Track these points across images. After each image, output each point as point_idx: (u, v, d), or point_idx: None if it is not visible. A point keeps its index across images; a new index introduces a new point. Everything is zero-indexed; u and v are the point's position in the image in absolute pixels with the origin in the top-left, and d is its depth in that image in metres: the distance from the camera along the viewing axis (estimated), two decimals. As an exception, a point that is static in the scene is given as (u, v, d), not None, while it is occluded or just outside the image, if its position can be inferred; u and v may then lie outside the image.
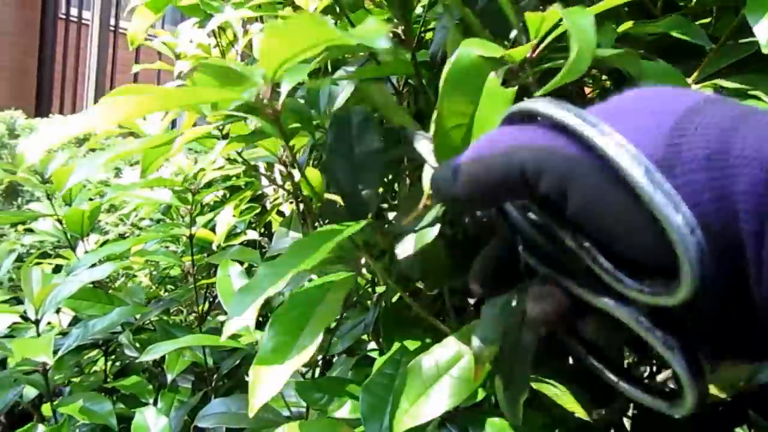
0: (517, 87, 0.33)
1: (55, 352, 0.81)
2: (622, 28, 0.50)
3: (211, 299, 1.19)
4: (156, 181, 0.75)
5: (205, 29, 0.65)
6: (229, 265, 0.67)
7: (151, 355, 0.58)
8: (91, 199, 0.95)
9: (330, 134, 0.45)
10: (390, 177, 0.68)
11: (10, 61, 4.16)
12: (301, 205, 0.97)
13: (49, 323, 0.97)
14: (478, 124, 0.30)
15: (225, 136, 0.49)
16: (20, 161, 0.94)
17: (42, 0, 4.13)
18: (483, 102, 0.29)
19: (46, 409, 1.01)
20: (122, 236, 1.67)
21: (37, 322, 0.67)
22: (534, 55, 0.38)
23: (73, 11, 4.09)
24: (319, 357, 0.78)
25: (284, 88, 0.35)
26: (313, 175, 0.72)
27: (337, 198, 0.73)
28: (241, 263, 0.91)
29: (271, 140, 0.64)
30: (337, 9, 0.74)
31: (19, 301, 0.98)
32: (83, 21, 4.00)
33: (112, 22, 3.88)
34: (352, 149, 0.44)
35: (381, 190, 0.59)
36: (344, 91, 0.58)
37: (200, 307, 1.09)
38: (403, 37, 0.57)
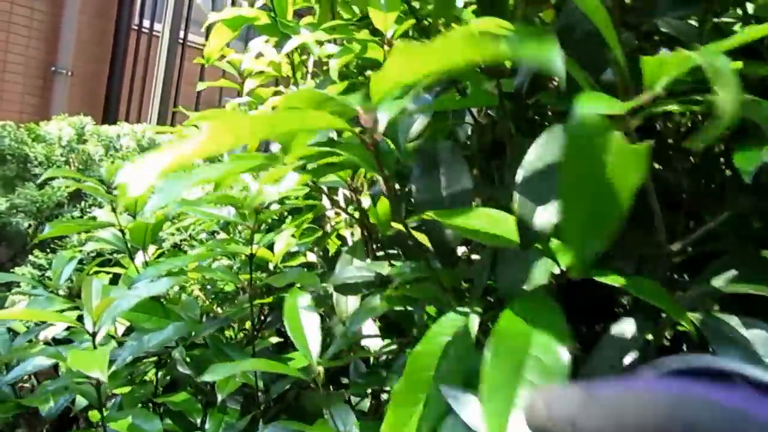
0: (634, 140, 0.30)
1: (108, 365, 0.81)
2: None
3: (262, 318, 1.18)
4: (223, 198, 0.74)
5: (283, 49, 0.63)
6: (298, 294, 0.65)
7: (209, 377, 0.56)
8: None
9: (416, 170, 0.42)
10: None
11: (84, 69, 4.33)
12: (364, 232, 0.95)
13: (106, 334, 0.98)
14: (605, 191, 0.26)
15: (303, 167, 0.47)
16: (120, 193, 0.96)
17: (118, 11, 4.30)
18: (613, 166, 0.26)
19: (93, 415, 1.02)
20: (178, 246, 1.70)
21: (94, 334, 0.67)
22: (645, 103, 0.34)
23: (146, 23, 4.25)
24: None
25: (383, 117, 0.33)
26: (382, 204, 0.70)
27: (398, 226, 0.70)
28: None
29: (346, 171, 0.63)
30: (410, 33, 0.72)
31: (77, 307, 1.00)
32: (154, 33, 4.15)
33: (181, 35, 4.01)
34: (439, 186, 0.42)
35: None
36: (419, 122, 0.56)
37: (252, 325, 1.07)
38: (486, 66, 0.54)
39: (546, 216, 0.34)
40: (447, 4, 0.51)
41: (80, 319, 0.79)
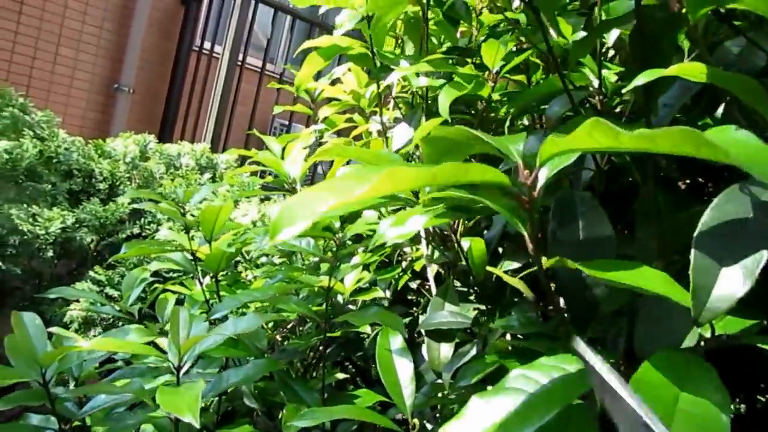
0: None
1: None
2: None
3: (321, 348, 1.15)
4: (309, 230, 0.72)
5: (385, 81, 0.61)
6: (390, 335, 0.62)
7: (302, 423, 0.53)
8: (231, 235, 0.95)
9: (554, 220, 0.39)
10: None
11: (145, 87, 4.47)
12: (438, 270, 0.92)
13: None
14: None
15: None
16: (273, 230, 0.95)
17: (181, 32, 4.44)
18: None
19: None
20: (234, 266, 1.69)
21: (178, 368, 0.65)
22: None
23: (206, 45, 4.36)
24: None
25: (543, 174, 0.30)
26: (478, 246, 0.67)
27: (500, 273, 0.66)
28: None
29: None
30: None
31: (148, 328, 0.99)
32: (214, 54, 4.25)
33: (240, 57, 4.10)
34: (578, 237, 0.38)
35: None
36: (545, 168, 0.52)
37: (319, 360, 1.05)
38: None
39: (729, 288, 0.30)
40: (585, 45, 0.48)
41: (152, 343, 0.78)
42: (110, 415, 0.75)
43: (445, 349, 0.64)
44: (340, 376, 0.97)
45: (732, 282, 0.31)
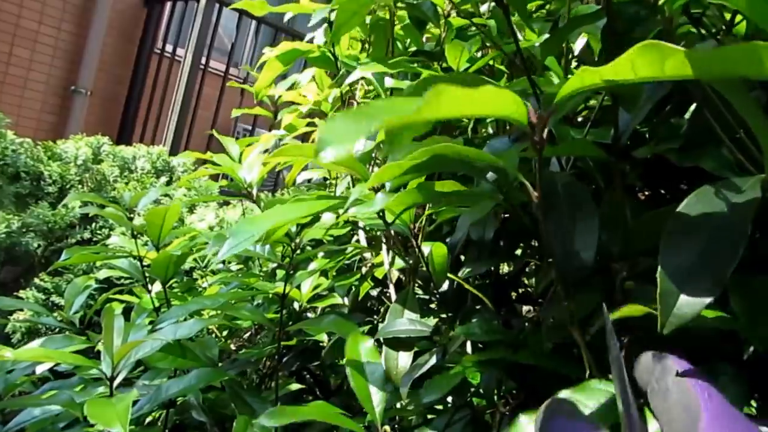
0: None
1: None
2: None
3: (277, 357, 1.11)
4: (269, 238, 0.68)
5: (345, 81, 0.58)
6: (361, 340, 0.59)
7: (269, 421, 0.50)
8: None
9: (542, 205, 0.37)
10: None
11: (104, 89, 4.35)
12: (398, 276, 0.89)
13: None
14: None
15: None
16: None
17: (142, 35, 4.33)
18: None
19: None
20: (188, 273, 1.63)
21: (112, 379, 0.60)
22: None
23: (168, 47, 4.27)
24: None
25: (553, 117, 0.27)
26: (439, 251, 0.64)
27: (461, 281, 0.64)
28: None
29: (409, 212, 0.57)
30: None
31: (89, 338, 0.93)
32: (176, 57, 4.16)
33: (203, 61, 4.02)
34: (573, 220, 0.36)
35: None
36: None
37: (275, 368, 1.01)
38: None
39: (698, 292, 0.28)
40: (553, 44, 0.46)
41: (96, 354, 0.72)
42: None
43: (404, 359, 0.61)
44: (295, 386, 0.93)
45: (701, 286, 0.29)
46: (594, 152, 0.48)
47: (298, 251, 0.71)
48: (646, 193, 0.62)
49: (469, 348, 0.77)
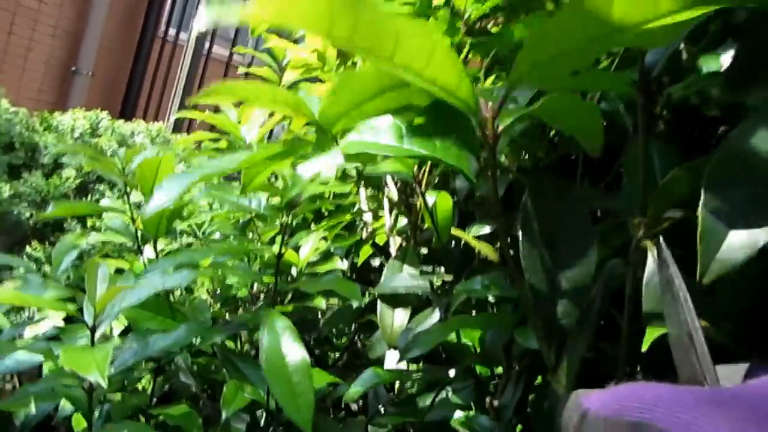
0: None
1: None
2: None
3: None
4: (259, 186, 0.64)
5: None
6: (277, 318, 0.55)
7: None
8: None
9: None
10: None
11: (105, 72, 4.31)
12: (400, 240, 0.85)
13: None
14: None
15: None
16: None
17: (144, 19, 4.29)
18: None
19: (78, 423, 0.90)
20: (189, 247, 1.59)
21: (93, 329, 0.56)
22: None
23: (171, 32, 4.23)
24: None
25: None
26: (444, 203, 0.60)
27: (468, 238, 0.60)
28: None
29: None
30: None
31: (74, 299, 0.89)
32: (179, 43, 4.12)
33: (206, 46, 3.99)
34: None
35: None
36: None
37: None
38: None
39: (749, 235, 0.25)
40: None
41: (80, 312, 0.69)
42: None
43: (400, 317, 0.57)
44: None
45: (757, 222, 0.26)
46: (620, 87, 0.44)
47: (293, 207, 0.67)
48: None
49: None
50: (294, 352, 0.52)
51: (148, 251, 0.96)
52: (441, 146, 0.31)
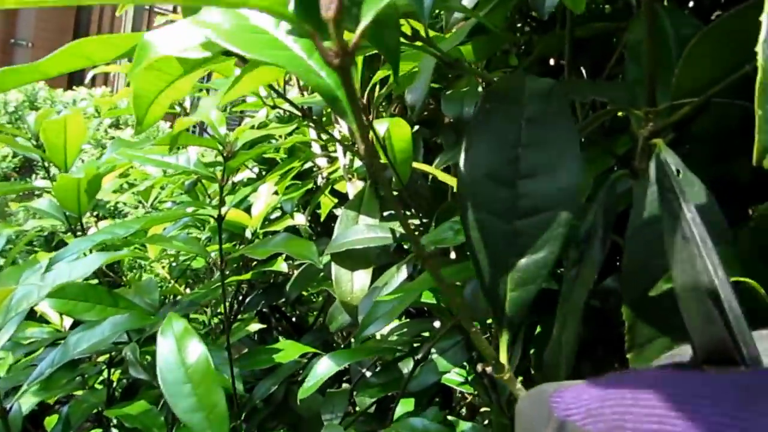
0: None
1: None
2: None
3: (240, 297, 0.97)
4: (185, 138, 0.53)
5: None
6: (174, 320, 0.44)
7: None
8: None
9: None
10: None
11: (46, 40, 4.07)
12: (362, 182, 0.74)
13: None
14: None
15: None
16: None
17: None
18: None
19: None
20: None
21: (-9, 337, 0.46)
22: None
23: (109, -12, 3.96)
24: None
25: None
26: (400, 132, 0.49)
27: (436, 172, 0.49)
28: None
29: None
30: None
31: None
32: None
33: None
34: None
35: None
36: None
37: (225, 310, 0.87)
38: None
39: None
40: None
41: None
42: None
43: (361, 279, 0.47)
44: (255, 327, 0.79)
45: None
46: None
47: (231, 157, 0.55)
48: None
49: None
50: (197, 358, 0.42)
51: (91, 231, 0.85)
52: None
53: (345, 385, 0.86)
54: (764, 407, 0.13)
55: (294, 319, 1.17)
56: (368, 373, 0.76)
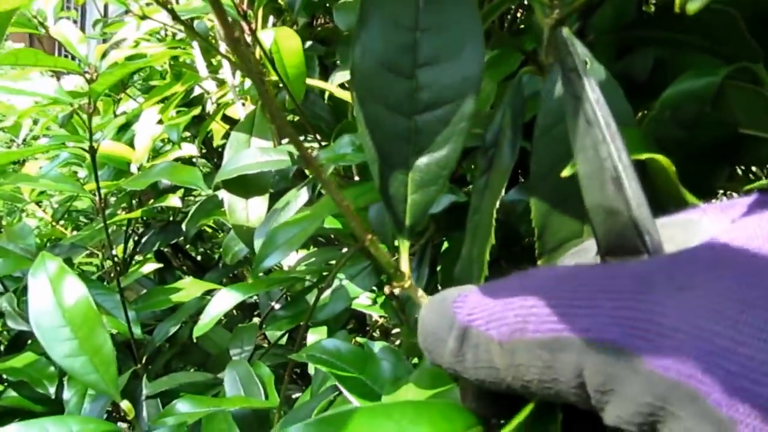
0: None
1: None
2: None
3: (135, 238, 0.91)
4: (26, 58, 0.45)
5: None
6: (47, 259, 0.40)
7: None
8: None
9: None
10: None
11: None
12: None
13: None
14: None
15: None
16: None
17: None
18: None
19: None
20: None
21: None
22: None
23: None
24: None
25: None
26: (290, 43, 0.44)
27: (333, 89, 0.45)
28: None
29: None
30: None
31: None
32: None
33: None
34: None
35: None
36: None
37: (120, 251, 0.81)
38: None
39: None
40: None
41: None
42: None
43: (257, 206, 0.43)
44: (149, 267, 0.74)
45: None
46: None
47: (92, 95, 0.48)
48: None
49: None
50: (76, 299, 0.38)
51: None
52: None
53: (255, 320, 0.84)
54: (661, 295, 0.13)
55: (199, 258, 1.12)
56: (277, 306, 0.74)
